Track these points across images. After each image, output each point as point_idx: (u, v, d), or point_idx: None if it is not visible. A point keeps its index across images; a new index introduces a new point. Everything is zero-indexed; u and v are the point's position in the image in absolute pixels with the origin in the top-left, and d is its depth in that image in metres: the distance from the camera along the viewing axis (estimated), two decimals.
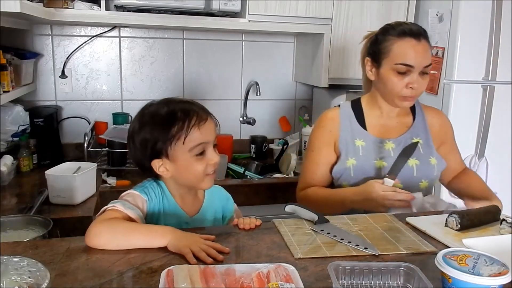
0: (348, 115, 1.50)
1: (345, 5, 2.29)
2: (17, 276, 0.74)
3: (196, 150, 1.08)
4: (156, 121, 1.08)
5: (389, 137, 1.47)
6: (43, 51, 2.30)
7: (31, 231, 1.31)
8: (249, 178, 2.26)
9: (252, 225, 1.13)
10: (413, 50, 1.35)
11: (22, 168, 2.04)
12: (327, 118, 1.52)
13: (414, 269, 0.83)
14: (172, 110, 1.08)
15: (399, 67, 1.36)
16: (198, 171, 1.09)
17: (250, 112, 2.64)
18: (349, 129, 1.48)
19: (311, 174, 1.51)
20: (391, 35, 1.39)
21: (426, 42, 1.37)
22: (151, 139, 1.08)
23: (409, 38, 1.35)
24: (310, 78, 2.51)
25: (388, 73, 1.38)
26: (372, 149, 1.45)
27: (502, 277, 0.77)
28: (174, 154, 1.08)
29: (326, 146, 1.49)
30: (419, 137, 1.48)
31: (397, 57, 1.36)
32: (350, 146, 1.45)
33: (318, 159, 1.50)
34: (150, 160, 1.09)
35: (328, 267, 0.82)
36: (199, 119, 1.08)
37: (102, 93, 2.43)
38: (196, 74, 2.54)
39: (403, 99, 1.40)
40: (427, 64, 1.36)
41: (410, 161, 1.42)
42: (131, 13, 2.08)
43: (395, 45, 1.37)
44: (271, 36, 2.61)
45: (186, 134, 1.06)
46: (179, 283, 0.80)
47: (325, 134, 1.50)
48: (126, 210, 1.05)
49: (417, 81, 1.36)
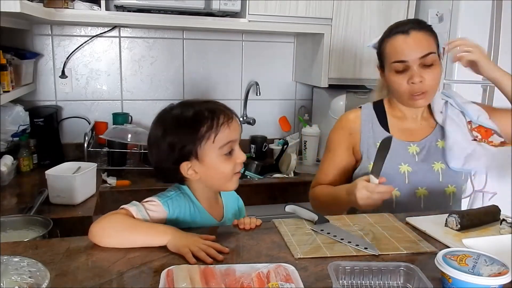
0: (370, 117, 1.45)
1: (345, 5, 2.29)
2: (17, 276, 0.74)
3: (225, 149, 1.07)
4: (183, 123, 1.06)
5: (413, 140, 1.42)
6: (43, 51, 2.30)
7: (31, 231, 1.31)
8: (249, 178, 2.26)
9: (252, 225, 1.13)
10: (403, 45, 1.31)
11: (22, 168, 2.04)
12: (348, 120, 1.47)
13: (414, 269, 0.83)
14: (199, 110, 1.07)
15: (394, 65, 1.33)
16: (227, 170, 1.09)
17: (250, 112, 2.64)
18: (371, 131, 1.42)
19: (323, 175, 1.49)
20: (384, 39, 1.37)
21: (418, 32, 1.32)
22: (179, 141, 1.06)
23: (397, 35, 1.33)
24: (310, 78, 2.51)
25: (390, 75, 1.36)
26: (396, 153, 1.36)
27: (502, 277, 0.77)
28: (203, 154, 1.07)
29: (343, 148, 1.45)
30: (444, 139, 1.41)
31: (391, 57, 1.34)
32: (371, 149, 1.39)
33: (333, 161, 1.47)
34: (178, 163, 1.08)
35: (328, 267, 0.82)
36: (227, 117, 1.08)
37: (102, 93, 2.43)
38: (196, 74, 2.54)
39: (412, 97, 1.34)
40: (422, 55, 1.30)
41: (436, 165, 1.38)
42: (131, 13, 2.08)
43: (387, 45, 1.36)
44: (271, 36, 2.61)
45: (216, 133, 1.05)
46: (179, 283, 0.80)
47: (344, 137, 1.46)
48: (138, 216, 1.04)
49: (417, 74, 1.30)
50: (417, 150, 1.40)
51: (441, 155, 1.39)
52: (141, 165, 2.18)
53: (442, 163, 1.39)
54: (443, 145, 1.41)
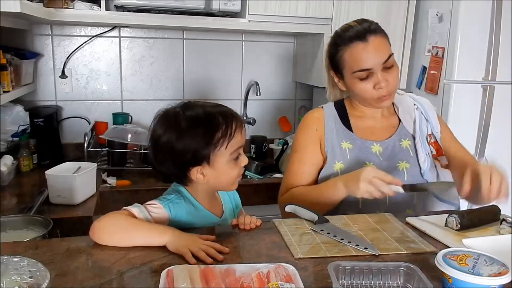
0: (332, 116, 1.44)
1: (345, 5, 2.29)
2: (17, 276, 0.74)
3: (235, 154, 1.09)
4: (197, 128, 1.05)
5: (375, 139, 1.41)
6: (43, 51, 2.30)
7: (31, 231, 1.31)
8: (249, 178, 2.26)
9: (253, 225, 1.13)
10: (364, 53, 1.29)
11: (22, 168, 2.04)
12: (313, 117, 1.45)
13: (414, 269, 0.83)
14: (212, 115, 1.07)
15: (358, 74, 1.32)
16: (234, 174, 1.11)
17: (250, 112, 2.65)
18: (334, 130, 1.41)
19: (295, 176, 1.40)
20: (339, 46, 1.35)
21: (375, 37, 1.30)
22: (193, 146, 1.05)
23: (356, 42, 1.30)
24: (310, 78, 2.50)
25: (352, 82, 1.35)
26: (360, 152, 1.38)
27: (502, 277, 0.77)
28: (215, 159, 1.07)
29: (312, 144, 1.41)
30: (408, 138, 1.42)
31: (352, 66, 1.32)
32: (336, 148, 1.39)
33: (304, 158, 1.41)
34: (188, 167, 1.07)
35: (328, 267, 0.82)
36: (240, 123, 1.09)
37: (102, 93, 2.43)
38: (196, 74, 2.54)
39: (379, 100, 1.34)
40: (384, 60, 1.30)
41: (400, 164, 1.37)
42: (131, 13, 2.08)
43: (345, 54, 1.33)
44: (271, 36, 2.61)
45: (230, 139, 1.06)
46: (179, 283, 0.80)
47: (311, 133, 1.42)
48: (139, 216, 1.04)
49: (383, 79, 1.30)
50: (380, 150, 1.40)
51: (405, 155, 1.39)
52: (141, 165, 2.18)
53: (406, 162, 1.38)
54: (407, 145, 1.41)
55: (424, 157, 1.39)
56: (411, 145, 1.42)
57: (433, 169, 1.40)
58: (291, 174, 1.43)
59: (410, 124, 1.44)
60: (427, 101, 1.49)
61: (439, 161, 1.43)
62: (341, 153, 1.39)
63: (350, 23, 1.36)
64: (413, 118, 1.44)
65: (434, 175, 1.40)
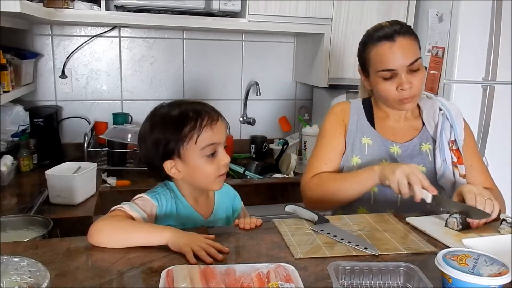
0: (357, 110, 1.46)
1: (345, 5, 2.29)
2: (17, 276, 0.74)
3: (208, 150, 1.09)
4: (168, 122, 1.09)
5: (396, 140, 1.41)
6: (43, 51, 2.30)
7: (31, 231, 1.31)
8: (249, 178, 2.26)
9: (253, 225, 1.13)
10: (390, 53, 1.29)
11: (22, 168, 2.04)
12: (340, 108, 1.48)
13: (414, 269, 0.83)
14: (184, 110, 1.10)
15: (382, 74, 1.32)
16: (209, 172, 1.10)
17: (250, 112, 2.64)
18: (357, 124, 1.43)
19: (322, 161, 1.41)
20: (367, 44, 1.35)
21: (404, 38, 1.30)
22: (163, 139, 1.08)
23: (383, 42, 1.31)
24: (310, 78, 2.51)
25: (376, 81, 1.35)
26: (378, 149, 1.39)
27: (502, 277, 0.77)
28: (186, 154, 1.08)
29: (339, 133, 1.43)
30: (429, 142, 1.41)
31: (377, 65, 1.33)
32: (356, 142, 1.40)
33: (332, 144, 1.42)
34: (162, 161, 1.10)
35: (328, 267, 0.82)
36: (211, 119, 1.09)
37: (102, 93, 2.43)
38: (196, 74, 2.54)
39: (401, 102, 1.35)
40: (410, 62, 1.30)
41: None
42: (131, 13, 2.08)
43: (372, 52, 1.34)
44: (271, 36, 2.61)
45: (198, 134, 1.07)
46: (179, 283, 0.80)
47: (339, 122, 1.45)
48: (131, 211, 1.06)
49: (406, 81, 1.30)
50: (398, 151, 1.40)
51: (423, 159, 1.39)
52: (141, 165, 2.17)
53: (423, 166, 1.38)
54: (427, 149, 1.41)
55: (440, 163, 1.38)
56: (431, 150, 1.41)
57: (450, 175, 1.38)
58: (319, 159, 1.44)
59: (432, 128, 1.43)
60: (457, 108, 1.47)
61: (459, 169, 1.40)
62: (360, 148, 1.40)
63: (382, 23, 1.37)
64: (436, 122, 1.43)
65: (451, 183, 1.38)
